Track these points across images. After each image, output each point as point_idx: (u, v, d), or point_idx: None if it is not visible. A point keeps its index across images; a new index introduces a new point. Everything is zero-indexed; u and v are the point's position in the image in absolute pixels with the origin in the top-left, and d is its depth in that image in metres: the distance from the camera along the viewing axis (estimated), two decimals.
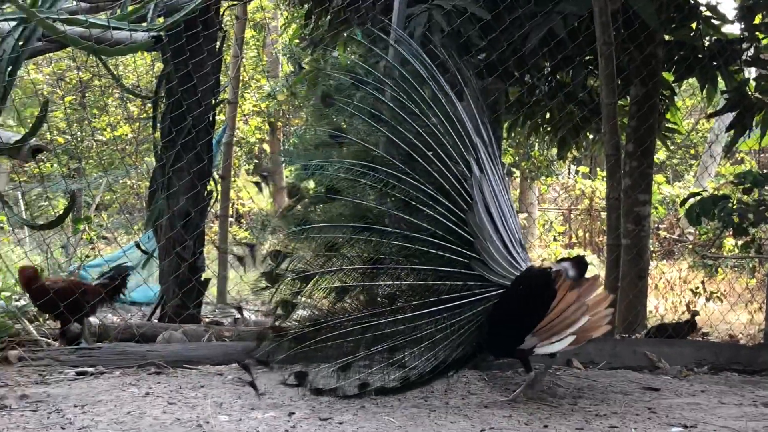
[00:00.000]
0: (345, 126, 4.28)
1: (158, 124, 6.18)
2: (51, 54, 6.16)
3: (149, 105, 7.23)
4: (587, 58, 6.65)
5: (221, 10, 6.49)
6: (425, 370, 3.88)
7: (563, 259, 3.89)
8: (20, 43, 5.15)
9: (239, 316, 6.45)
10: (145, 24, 5.54)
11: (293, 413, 3.52)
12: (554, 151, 9.31)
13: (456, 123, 4.11)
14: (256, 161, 21.82)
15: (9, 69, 5.12)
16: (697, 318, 6.59)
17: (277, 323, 3.93)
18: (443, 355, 3.87)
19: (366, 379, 3.82)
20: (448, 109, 4.13)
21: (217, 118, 6.45)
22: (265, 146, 21.07)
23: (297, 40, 10.21)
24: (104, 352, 4.65)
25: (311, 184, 4.18)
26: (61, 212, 5.57)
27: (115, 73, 9.30)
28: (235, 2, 7.18)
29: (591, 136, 8.24)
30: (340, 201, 4.01)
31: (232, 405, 3.65)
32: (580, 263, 3.75)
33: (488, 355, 4.26)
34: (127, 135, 16.87)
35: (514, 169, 17.71)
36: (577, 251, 16.33)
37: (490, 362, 4.68)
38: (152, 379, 4.23)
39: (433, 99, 4.13)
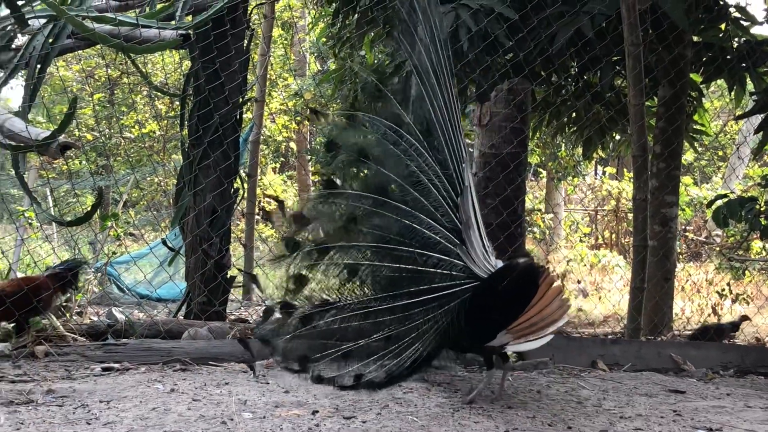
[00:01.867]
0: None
1: (186, 122, 6.20)
2: (80, 51, 6.19)
3: (177, 103, 7.28)
4: (615, 58, 6.62)
5: (249, 8, 6.51)
6: (406, 363, 3.74)
7: (511, 257, 3.87)
8: (50, 41, 5.20)
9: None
10: (173, 22, 5.57)
11: (317, 411, 3.53)
12: (580, 151, 9.28)
13: (452, 107, 4.02)
14: (283, 160, 21.89)
15: (38, 66, 5.16)
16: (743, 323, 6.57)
17: (287, 298, 3.79)
18: (422, 348, 3.75)
19: (362, 371, 3.69)
20: (447, 93, 4.04)
21: (244, 116, 6.46)
22: (292, 144, 21.13)
23: (324, 39, 10.23)
24: (130, 349, 4.67)
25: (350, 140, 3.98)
26: (88, 209, 5.60)
27: (143, 70, 9.35)
28: (263, 1, 7.21)
29: (618, 137, 8.21)
30: (369, 166, 3.91)
31: (256, 402, 3.66)
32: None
33: (451, 353, 4.09)
34: (154, 132, 16.98)
35: (540, 169, 17.68)
36: (603, 252, 16.26)
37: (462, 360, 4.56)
38: (177, 376, 4.25)
39: (439, 84, 4.03)
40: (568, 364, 5.14)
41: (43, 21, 5.24)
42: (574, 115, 7.64)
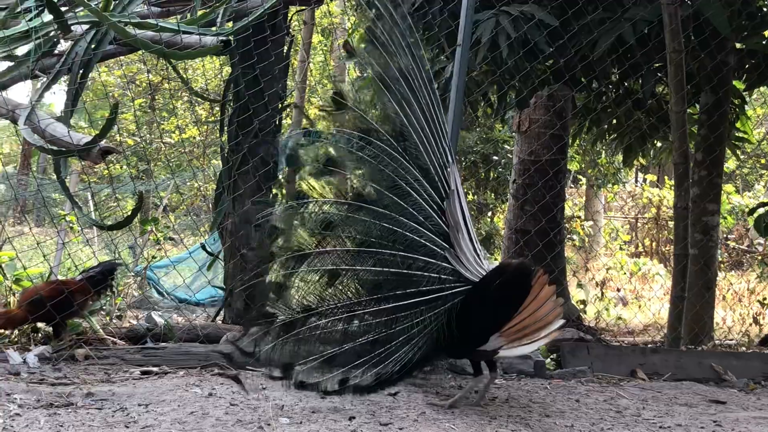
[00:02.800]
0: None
1: (225, 128, 6.23)
2: (122, 57, 6.24)
3: (217, 108, 7.30)
4: (656, 65, 6.56)
5: (289, 14, 6.53)
6: (395, 368, 3.72)
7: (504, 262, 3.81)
8: (92, 46, 5.24)
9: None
10: (214, 28, 5.60)
11: (353, 417, 3.52)
12: (621, 158, 9.22)
13: (436, 108, 4.02)
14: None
15: (81, 71, 5.21)
16: None
17: (267, 308, 3.81)
18: (412, 353, 3.72)
19: (347, 375, 3.69)
20: (431, 94, 4.04)
21: (283, 122, 6.48)
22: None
23: (363, 45, 10.24)
24: (168, 352, 4.70)
25: (311, 154, 4.00)
26: (129, 213, 5.64)
27: (184, 76, 9.41)
28: (303, 7, 7.23)
29: (659, 144, 8.14)
30: (338, 174, 3.90)
31: (293, 408, 3.66)
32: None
33: (445, 357, 4.12)
34: (194, 138, 17.08)
35: (580, 176, 17.58)
36: (643, 261, 16.13)
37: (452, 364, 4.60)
38: (215, 380, 4.26)
39: (424, 84, 4.04)
40: (608, 373, 5.10)
41: (85, 27, 5.29)
42: (614, 122, 7.57)
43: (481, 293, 3.67)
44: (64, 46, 5.46)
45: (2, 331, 4.91)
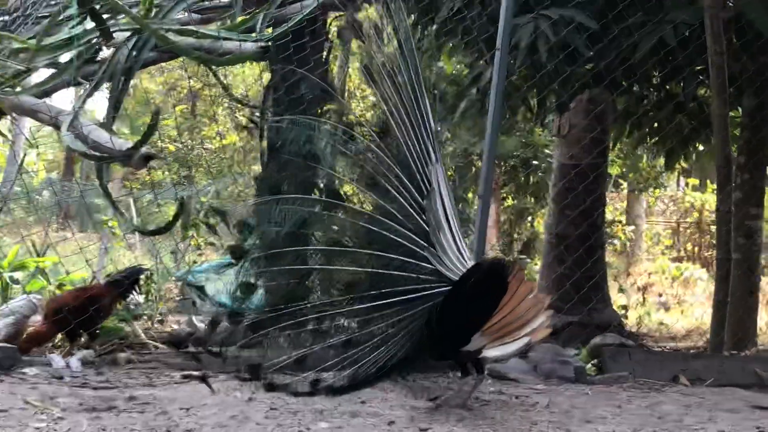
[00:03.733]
0: None
1: (265, 133, 6.26)
2: (163, 64, 6.30)
3: (257, 114, 7.33)
4: (698, 68, 6.50)
5: (328, 20, 6.55)
6: (372, 368, 3.61)
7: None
8: (133, 53, 5.29)
9: None
10: (253, 34, 5.63)
11: (393, 422, 3.52)
12: (662, 162, 9.14)
13: (422, 105, 3.95)
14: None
15: (122, 78, 5.26)
16: None
17: (235, 306, 3.74)
18: (390, 354, 3.61)
19: (318, 376, 3.59)
20: (418, 91, 3.96)
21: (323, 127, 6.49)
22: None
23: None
24: (209, 356, 4.72)
25: (294, 147, 3.89)
26: (170, 218, 5.68)
27: (224, 82, 9.46)
28: (342, 13, 7.24)
29: (701, 148, 8.06)
30: (315, 169, 3.83)
31: (332, 412, 3.66)
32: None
33: (433, 358, 3.97)
34: (235, 143, 17.17)
35: (621, 181, 17.47)
36: (685, 265, 16.00)
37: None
38: (255, 384, 4.28)
39: (411, 80, 3.95)
40: (649, 379, 5.05)
41: (127, 34, 5.34)
42: (656, 125, 7.51)
43: (460, 292, 3.53)
44: (105, 53, 5.51)
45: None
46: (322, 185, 3.85)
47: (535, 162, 15.42)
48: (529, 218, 17.14)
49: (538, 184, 15.81)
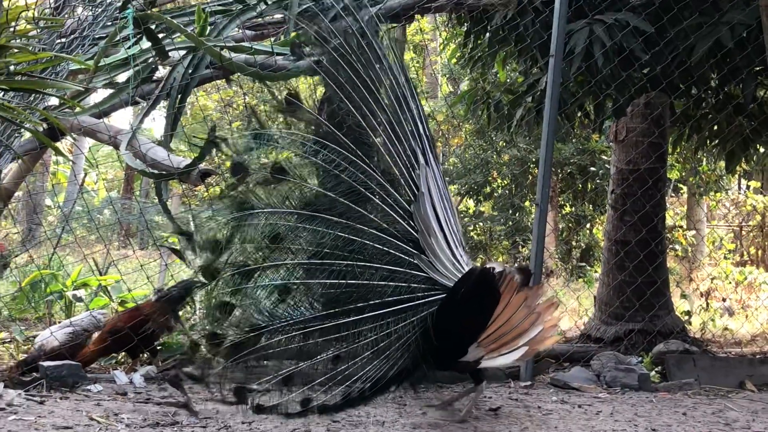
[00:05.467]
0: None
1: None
2: (219, 81, 6.35)
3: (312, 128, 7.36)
4: (757, 68, 6.40)
5: (381, 32, 6.56)
6: (366, 384, 3.50)
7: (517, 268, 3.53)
8: (189, 71, 5.35)
9: None
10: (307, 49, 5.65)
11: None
12: (723, 165, 9.01)
13: (406, 110, 3.87)
14: None
15: (179, 96, 5.32)
16: None
17: (213, 328, 3.58)
18: (386, 367, 3.51)
19: (309, 395, 3.47)
20: (402, 94, 3.89)
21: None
22: None
23: (455, 60, 10.24)
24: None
25: (255, 160, 3.77)
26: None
27: (279, 98, 9.52)
28: (394, 25, 7.26)
29: (762, 150, 7.93)
30: (287, 183, 3.68)
31: (393, 424, 3.66)
32: (524, 270, 3.42)
33: (433, 370, 3.79)
34: (291, 158, 17.26)
35: (681, 185, 17.25)
36: (749, 269, 15.73)
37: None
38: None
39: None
40: (715, 385, 4.98)
41: (182, 52, 5.40)
42: (715, 128, 7.41)
43: (453, 302, 3.46)
44: (162, 72, 5.58)
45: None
46: (295, 196, 3.71)
47: (592, 168, 15.31)
48: (588, 225, 17.00)
49: (596, 191, 15.68)
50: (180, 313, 5.11)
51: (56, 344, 4.72)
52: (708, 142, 7.69)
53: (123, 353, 5.04)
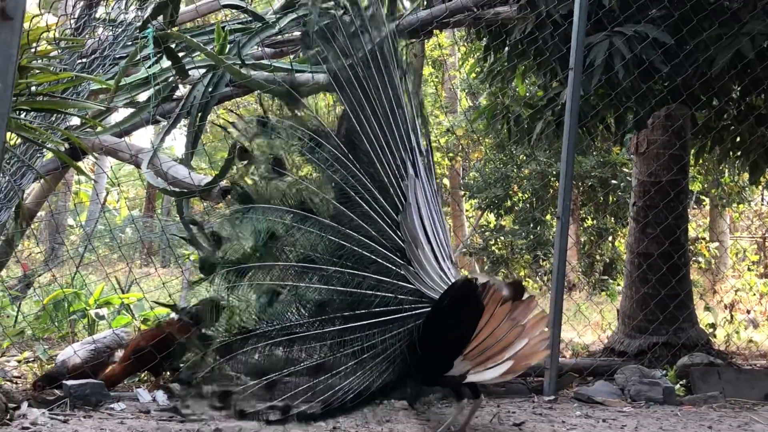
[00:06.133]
0: None
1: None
2: (238, 99, 6.37)
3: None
4: None
5: (399, 47, 6.57)
6: (348, 395, 3.42)
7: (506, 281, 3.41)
8: (209, 89, 5.37)
9: None
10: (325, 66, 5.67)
11: None
12: (746, 176, 8.95)
13: (399, 118, 3.81)
14: None
15: (199, 114, 5.34)
16: None
17: (203, 330, 3.54)
18: (369, 379, 3.43)
19: (291, 401, 3.40)
20: (395, 102, 3.84)
21: None
22: (446, 181, 21.21)
23: (474, 75, 10.25)
24: None
25: (266, 149, 3.73)
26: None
27: (298, 114, 9.54)
28: (413, 40, 7.28)
29: None
30: (285, 179, 3.65)
31: None
32: (515, 285, 3.27)
33: (420, 384, 3.72)
34: (311, 174, 17.30)
35: (703, 197, 17.18)
36: None
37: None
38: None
39: (382, 84, 3.84)
40: (740, 398, 4.95)
41: (202, 71, 5.42)
42: (738, 139, 7.37)
43: (438, 314, 3.38)
44: (182, 90, 5.60)
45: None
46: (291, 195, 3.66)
47: (613, 181, 15.27)
48: (610, 238, 16.95)
49: (618, 203, 15.64)
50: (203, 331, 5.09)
51: (78, 362, 4.73)
52: (731, 153, 7.65)
53: (146, 371, 5.04)
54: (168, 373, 5.03)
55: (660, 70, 5.75)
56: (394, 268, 3.55)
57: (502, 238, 17.50)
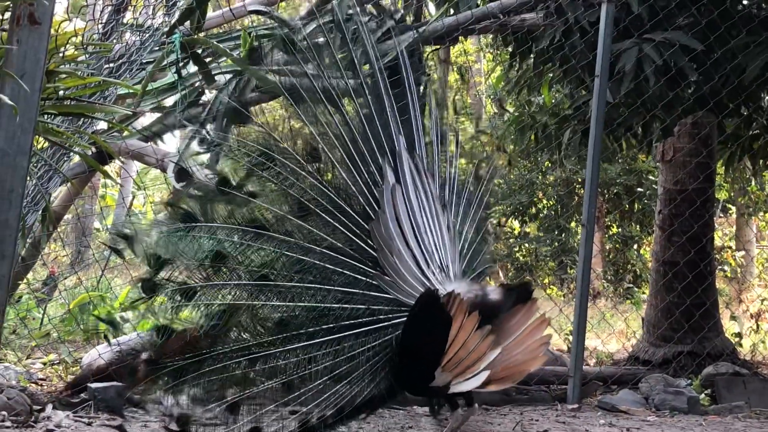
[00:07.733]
0: None
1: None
2: (264, 104, 6.39)
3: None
4: None
5: (425, 53, 6.57)
6: (327, 411, 3.32)
7: (503, 285, 3.38)
8: (235, 95, 5.39)
9: None
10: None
11: None
12: None
13: (375, 124, 3.71)
14: None
15: (225, 120, 5.36)
16: None
17: (151, 354, 3.40)
18: (350, 393, 3.31)
19: (259, 422, 3.31)
20: (372, 109, 3.75)
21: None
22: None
23: (501, 84, 10.24)
24: None
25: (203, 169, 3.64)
26: None
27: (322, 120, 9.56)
28: (438, 46, 7.28)
29: None
30: (233, 197, 3.50)
31: None
32: (519, 289, 3.19)
33: (404, 395, 3.68)
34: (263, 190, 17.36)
35: (729, 205, 17.08)
36: None
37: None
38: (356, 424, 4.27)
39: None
40: (766, 408, 4.91)
41: (228, 76, 5.44)
42: (767, 148, 7.32)
43: (412, 324, 3.27)
44: (208, 95, 5.63)
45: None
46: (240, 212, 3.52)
47: (639, 189, 15.19)
48: (635, 246, 16.87)
49: (643, 211, 15.56)
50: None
51: (103, 364, 4.75)
52: (759, 161, 7.60)
53: None
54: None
55: (689, 78, 5.73)
56: (364, 278, 3.42)
57: (527, 245, 17.46)
